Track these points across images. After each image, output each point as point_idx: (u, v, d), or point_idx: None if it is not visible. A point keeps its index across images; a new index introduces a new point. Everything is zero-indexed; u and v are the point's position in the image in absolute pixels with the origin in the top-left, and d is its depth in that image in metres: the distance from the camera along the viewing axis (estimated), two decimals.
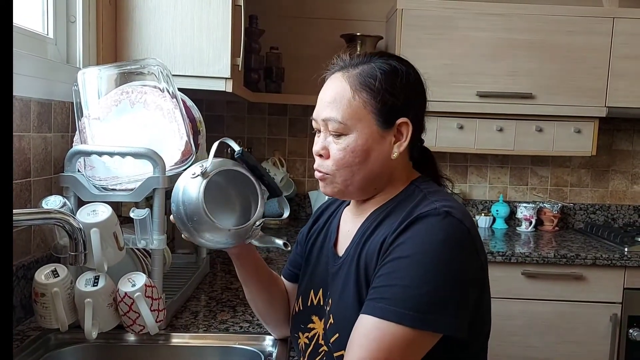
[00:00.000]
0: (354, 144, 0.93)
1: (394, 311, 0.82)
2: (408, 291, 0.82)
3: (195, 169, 0.97)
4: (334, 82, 0.96)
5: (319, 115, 0.97)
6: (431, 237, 0.85)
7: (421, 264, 0.84)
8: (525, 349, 2.24)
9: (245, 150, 1.01)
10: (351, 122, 0.93)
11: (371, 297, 0.86)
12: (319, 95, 0.98)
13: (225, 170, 1.00)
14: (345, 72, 0.96)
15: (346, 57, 0.99)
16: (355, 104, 0.93)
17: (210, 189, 0.96)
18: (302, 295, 1.07)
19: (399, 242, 0.87)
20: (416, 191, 0.97)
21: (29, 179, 1.27)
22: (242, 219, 1.03)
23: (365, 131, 0.93)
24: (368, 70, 0.95)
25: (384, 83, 0.93)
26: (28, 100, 1.26)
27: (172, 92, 1.31)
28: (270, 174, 2.61)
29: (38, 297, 1.07)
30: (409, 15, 2.39)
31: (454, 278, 0.84)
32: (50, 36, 1.49)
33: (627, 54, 2.39)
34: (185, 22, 1.68)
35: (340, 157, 0.94)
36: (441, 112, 2.42)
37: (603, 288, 2.22)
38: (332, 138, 0.95)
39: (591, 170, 2.84)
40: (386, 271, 0.86)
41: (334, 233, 1.07)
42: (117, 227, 1.13)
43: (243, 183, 1.02)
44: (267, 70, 2.58)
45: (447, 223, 0.86)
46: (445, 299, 0.83)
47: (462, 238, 0.87)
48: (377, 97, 0.93)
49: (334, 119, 0.93)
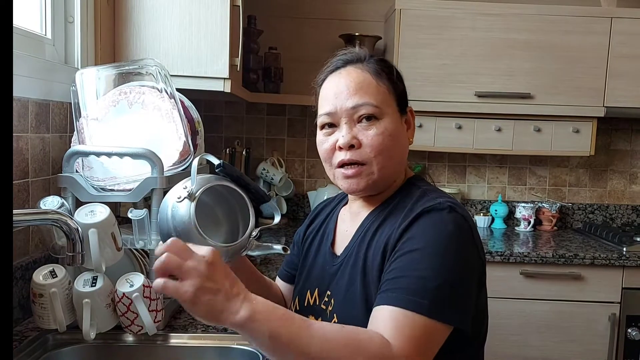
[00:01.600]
0: (390, 127, 0.94)
1: (411, 300, 0.81)
2: (423, 282, 0.82)
3: (180, 192, 0.93)
4: (352, 74, 0.96)
5: (342, 106, 0.94)
6: (440, 230, 0.86)
7: (434, 255, 0.84)
8: (523, 348, 2.24)
9: (225, 162, 0.98)
10: (384, 106, 0.95)
11: (385, 289, 0.85)
12: (331, 91, 0.96)
13: (209, 188, 0.95)
14: (359, 64, 0.98)
15: (353, 52, 1.01)
16: (382, 90, 0.96)
17: (199, 209, 0.92)
18: (299, 296, 1.07)
19: (408, 236, 0.87)
20: (414, 189, 0.97)
21: (27, 180, 1.27)
22: (233, 234, 1.00)
23: (394, 116, 0.96)
24: (380, 62, 0.99)
25: (396, 74, 0.99)
26: (26, 100, 1.26)
27: (171, 93, 1.31)
28: (269, 174, 2.62)
29: (36, 297, 1.07)
30: (408, 15, 2.39)
31: (463, 271, 0.85)
32: (48, 37, 1.49)
33: (625, 53, 2.39)
34: (183, 23, 1.68)
35: (379, 142, 0.93)
36: (439, 112, 2.43)
37: (601, 288, 2.22)
38: (362, 126, 0.94)
39: (589, 170, 2.85)
40: (399, 264, 0.85)
41: (331, 233, 1.07)
42: (115, 227, 1.13)
43: (229, 196, 1.00)
44: (266, 70, 2.58)
45: (452, 217, 0.87)
46: (454, 293, 0.83)
47: (466, 234, 0.88)
48: (395, 85, 0.98)
49: (369, 103, 0.93)
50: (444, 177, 2.84)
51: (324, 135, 0.98)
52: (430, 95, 2.40)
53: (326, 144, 0.97)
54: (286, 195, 2.69)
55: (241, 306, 0.73)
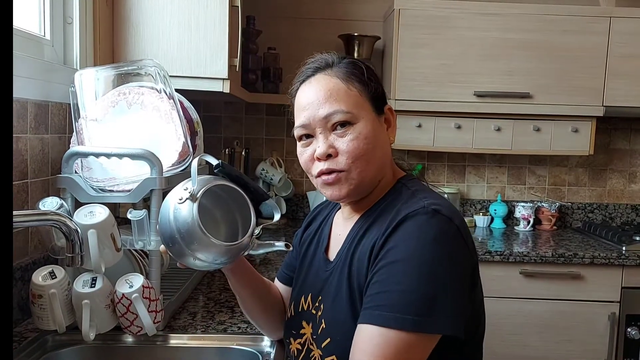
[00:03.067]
0: (365, 130, 0.93)
1: (394, 317, 0.81)
2: (405, 296, 0.81)
3: (182, 193, 0.92)
4: (321, 81, 0.96)
5: (314, 116, 0.94)
6: (421, 238, 0.84)
7: (414, 266, 0.83)
8: (523, 348, 2.24)
9: (223, 162, 0.98)
10: (356, 111, 0.93)
11: (368, 306, 0.84)
12: (303, 102, 0.96)
13: (209, 188, 0.95)
14: (328, 70, 0.97)
15: (321, 58, 1.00)
16: (353, 94, 0.94)
17: (201, 210, 0.91)
18: (294, 302, 1.06)
19: (390, 245, 0.86)
20: (403, 189, 0.96)
21: (26, 181, 1.27)
22: (232, 236, 0.99)
23: (368, 117, 0.94)
24: (349, 65, 0.97)
25: (367, 74, 0.97)
26: (25, 101, 1.26)
27: (170, 93, 1.31)
28: (269, 174, 2.62)
29: (35, 298, 1.07)
30: (406, 15, 2.39)
31: (448, 277, 0.84)
32: (47, 37, 1.49)
33: (624, 53, 2.39)
34: (182, 23, 1.68)
35: (354, 147, 0.92)
36: (439, 112, 2.43)
37: (601, 287, 2.22)
38: (337, 134, 0.93)
39: (589, 169, 2.85)
40: (380, 278, 0.85)
41: (326, 238, 1.06)
42: (114, 228, 1.13)
43: (229, 196, 0.99)
44: (265, 70, 2.58)
45: (435, 221, 0.86)
46: (441, 299, 0.82)
47: (452, 236, 0.86)
48: (367, 86, 0.96)
49: (340, 110, 0.92)
50: (443, 177, 2.84)
51: (302, 147, 0.97)
52: (429, 95, 2.40)
53: (305, 155, 0.97)
54: (285, 195, 2.69)
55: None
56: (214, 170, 0.98)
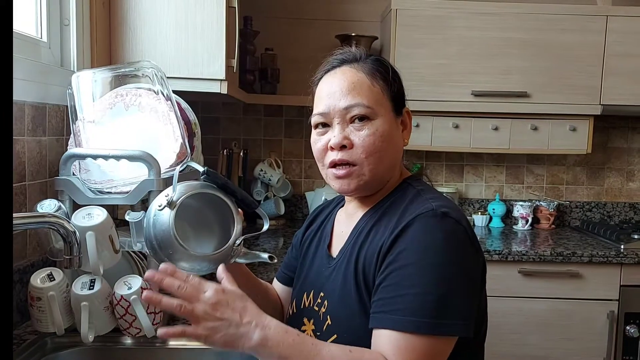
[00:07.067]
0: (382, 128, 0.94)
1: (410, 321, 0.81)
2: (420, 298, 0.82)
3: (161, 200, 0.93)
4: (346, 73, 0.96)
5: (335, 106, 0.94)
6: (432, 240, 0.85)
7: (428, 268, 0.83)
8: (522, 346, 2.24)
9: (209, 169, 0.98)
10: (376, 107, 0.94)
11: (383, 310, 0.85)
12: (325, 90, 0.97)
13: (196, 194, 0.95)
14: (354, 64, 0.98)
15: (349, 51, 1.01)
16: (375, 91, 0.95)
17: (183, 217, 0.91)
18: (296, 298, 1.06)
19: (400, 248, 0.86)
20: (409, 189, 0.97)
21: (24, 183, 1.27)
22: (223, 241, 0.99)
23: (387, 116, 0.96)
24: (376, 62, 0.98)
25: (392, 74, 0.98)
26: (22, 104, 1.26)
27: (167, 95, 1.31)
28: (267, 175, 2.62)
29: (34, 301, 1.07)
30: (404, 15, 2.39)
31: (461, 278, 0.85)
32: (44, 39, 1.49)
33: (621, 52, 2.40)
34: (179, 24, 1.68)
35: (370, 143, 0.93)
36: (436, 112, 2.43)
37: (599, 285, 2.22)
38: (354, 127, 0.93)
39: (587, 168, 2.85)
40: (393, 281, 0.85)
41: (328, 235, 1.07)
42: (112, 230, 1.13)
43: (217, 204, 0.99)
44: (262, 71, 2.58)
45: (444, 224, 0.86)
46: (457, 302, 0.83)
47: (461, 238, 0.87)
48: (390, 85, 0.97)
49: (361, 103, 0.93)
50: (441, 177, 2.84)
51: (317, 135, 0.98)
52: (427, 94, 2.41)
53: (319, 144, 0.97)
54: (284, 196, 2.69)
55: (253, 333, 0.81)
56: (200, 177, 0.98)
